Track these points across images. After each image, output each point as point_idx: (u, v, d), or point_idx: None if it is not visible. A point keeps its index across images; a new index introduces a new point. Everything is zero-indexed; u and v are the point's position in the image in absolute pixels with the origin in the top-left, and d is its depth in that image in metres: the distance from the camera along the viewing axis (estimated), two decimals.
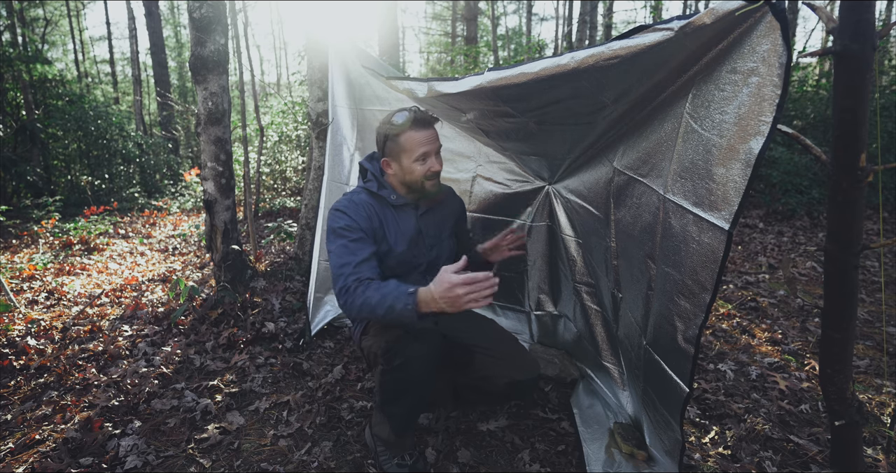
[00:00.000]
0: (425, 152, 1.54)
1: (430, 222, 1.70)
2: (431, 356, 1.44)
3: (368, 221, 1.55)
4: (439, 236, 1.71)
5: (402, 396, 1.49)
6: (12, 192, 7.72)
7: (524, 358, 1.67)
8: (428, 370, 1.44)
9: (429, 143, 1.55)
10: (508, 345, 1.69)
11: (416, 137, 1.53)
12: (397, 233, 1.61)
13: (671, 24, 0.92)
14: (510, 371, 1.61)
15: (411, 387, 1.46)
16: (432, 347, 1.44)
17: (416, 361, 1.42)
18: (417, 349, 1.41)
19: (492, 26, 9.75)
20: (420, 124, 1.53)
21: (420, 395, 1.49)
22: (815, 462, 1.58)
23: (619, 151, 1.48)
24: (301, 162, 6.92)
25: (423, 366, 1.43)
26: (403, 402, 1.50)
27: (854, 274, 0.98)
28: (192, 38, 2.74)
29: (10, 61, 7.61)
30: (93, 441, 1.67)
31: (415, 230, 1.65)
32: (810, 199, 5.23)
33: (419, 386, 1.46)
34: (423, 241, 1.67)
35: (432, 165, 1.56)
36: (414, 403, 1.51)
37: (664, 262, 1.23)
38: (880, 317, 2.73)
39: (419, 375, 1.43)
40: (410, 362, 1.41)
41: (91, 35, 20.49)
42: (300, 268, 3.37)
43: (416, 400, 1.50)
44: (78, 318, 2.83)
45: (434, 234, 1.70)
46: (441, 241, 1.71)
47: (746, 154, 0.94)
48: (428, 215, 1.70)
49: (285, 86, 15.81)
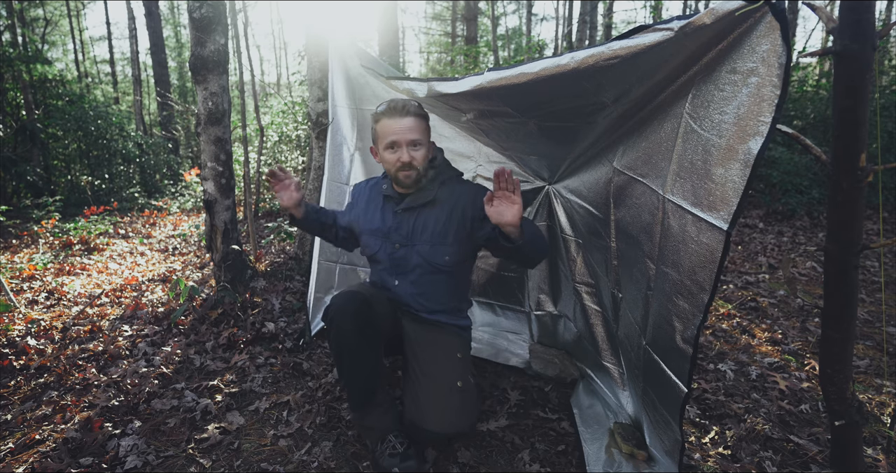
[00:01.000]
0: (394, 141, 1.56)
1: (409, 218, 1.66)
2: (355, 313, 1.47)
3: (355, 199, 1.83)
4: (417, 237, 1.64)
5: (341, 360, 1.52)
6: (12, 192, 7.72)
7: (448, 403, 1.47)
8: (355, 327, 1.46)
9: (400, 133, 1.55)
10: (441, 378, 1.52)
11: (388, 125, 1.56)
12: (368, 220, 1.74)
13: (671, 25, 0.92)
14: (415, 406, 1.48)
15: (343, 349, 1.49)
16: (357, 305, 1.48)
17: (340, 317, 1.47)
18: (342, 306, 1.48)
19: (492, 26, 9.75)
20: (394, 112, 1.55)
21: (354, 360, 1.50)
22: (815, 462, 1.58)
23: (618, 151, 1.48)
24: (301, 162, 6.92)
25: (347, 322, 1.46)
26: (344, 368, 1.53)
27: (854, 274, 0.99)
28: (192, 38, 2.74)
29: (10, 61, 7.62)
30: (93, 441, 1.68)
31: (384, 224, 1.69)
32: (810, 199, 5.23)
33: (350, 347, 1.48)
34: (390, 237, 1.68)
35: (401, 155, 1.56)
36: (353, 368, 1.51)
37: (663, 262, 1.23)
38: (880, 317, 2.73)
39: (346, 333, 1.46)
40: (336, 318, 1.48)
41: (91, 35, 20.52)
42: (300, 268, 3.37)
43: (353, 365, 1.50)
44: (78, 318, 2.84)
45: (407, 235, 1.65)
46: (417, 239, 1.64)
47: (745, 154, 0.94)
48: (408, 214, 1.66)
49: (285, 86, 15.81)
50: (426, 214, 1.65)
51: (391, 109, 1.56)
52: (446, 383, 1.52)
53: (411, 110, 1.56)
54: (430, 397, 1.49)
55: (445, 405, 1.47)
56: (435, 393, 1.50)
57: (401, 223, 1.66)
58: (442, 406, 1.47)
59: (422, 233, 1.64)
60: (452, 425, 1.45)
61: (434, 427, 1.44)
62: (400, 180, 1.61)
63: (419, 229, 1.65)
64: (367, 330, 1.49)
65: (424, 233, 1.64)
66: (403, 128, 1.55)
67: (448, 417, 1.46)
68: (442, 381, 1.52)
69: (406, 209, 1.66)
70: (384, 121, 1.57)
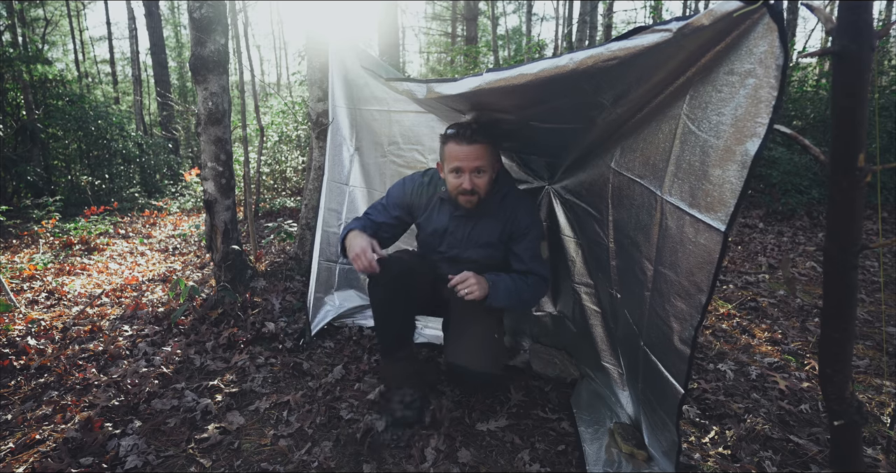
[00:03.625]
0: (458, 167, 1.65)
1: (465, 225, 1.79)
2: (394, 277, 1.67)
3: (406, 197, 1.87)
4: (471, 241, 1.80)
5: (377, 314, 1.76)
6: (12, 192, 7.72)
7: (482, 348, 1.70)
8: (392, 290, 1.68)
9: (465, 160, 1.63)
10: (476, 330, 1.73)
11: (454, 150, 1.64)
12: (428, 219, 1.86)
13: (670, 26, 0.92)
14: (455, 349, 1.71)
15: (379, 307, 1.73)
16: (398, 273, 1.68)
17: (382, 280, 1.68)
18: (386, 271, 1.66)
19: (492, 26, 9.74)
20: (460, 139, 1.63)
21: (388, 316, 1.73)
22: (815, 462, 1.58)
23: (617, 152, 1.48)
24: (301, 162, 6.92)
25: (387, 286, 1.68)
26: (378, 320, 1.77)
27: (853, 274, 0.98)
28: (192, 38, 2.74)
29: (11, 61, 7.61)
30: (93, 440, 1.68)
31: (442, 225, 1.82)
32: (810, 199, 5.23)
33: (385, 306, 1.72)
34: (447, 238, 1.83)
35: (463, 182, 1.64)
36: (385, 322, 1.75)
37: (661, 263, 1.23)
38: (880, 317, 2.73)
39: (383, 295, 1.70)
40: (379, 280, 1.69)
41: (91, 35, 20.49)
42: (300, 268, 3.37)
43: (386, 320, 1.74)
44: (78, 318, 2.84)
45: (462, 237, 1.80)
46: (470, 246, 1.80)
47: (742, 155, 0.94)
48: (464, 219, 1.79)
49: (285, 86, 15.82)
50: (483, 224, 1.78)
51: (458, 135, 1.63)
52: (484, 332, 1.73)
53: (478, 138, 1.62)
54: (470, 341, 1.70)
55: (482, 348, 1.69)
56: (474, 338, 1.71)
57: (457, 227, 1.80)
58: (479, 348, 1.69)
59: (478, 239, 1.79)
60: (487, 365, 1.67)
61: (472, 365, 1.65)
62: (460, 204, 1.72)
63: (475, 236, 1.79)
64: (401, 294, 1.70)
65: (479, 239, 1.79)
66: (468, 155, 1.62)
67: (484, 358, 1.67)
68: (481, 331, 1.73)
69: (464, 215, 1.78)
70: (451, 145, 1.65)
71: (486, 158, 1.64)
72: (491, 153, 1.67)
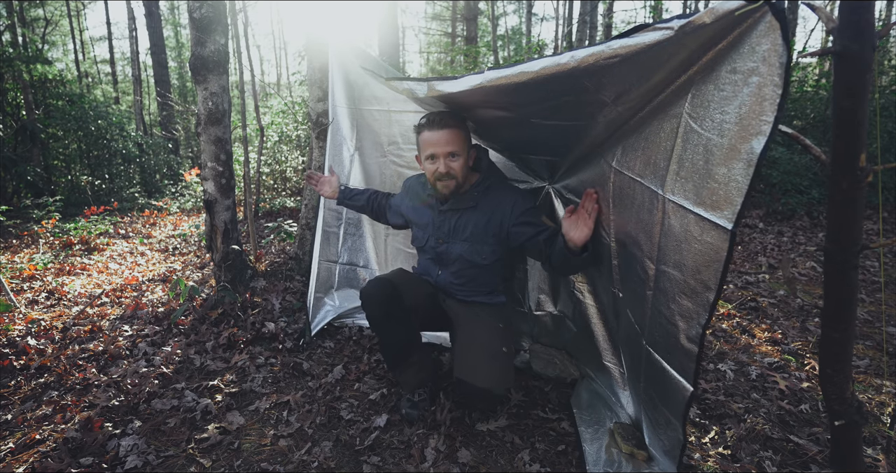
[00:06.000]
0: (433, 153, 1.68)
1: (450, 219, 1.80)
2: (382, 300, 1.71)
3: (403, 198, 2.00)
4: (456, 234, 1.80)
5: (376, 334, 1.81)
6: (12, 192, 7.72)
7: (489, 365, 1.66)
8: (383, 312, 1.71)
9: (437, 144, 1.66)
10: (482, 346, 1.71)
11: (427, 137, 1.68)
12: (417, 217, 1.92)
13: (671, 24, 0.92)
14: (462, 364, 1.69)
15: (377, 328, 1.77)
16: (384, 293, 1.71)
17: (369, 304, 1.73)
18: (371, 294, 1.72)
19: (492, 26, 9.75)
20: (433, 125, 1.67)
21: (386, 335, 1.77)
22: (815, 462, 1.58)
23: (618, 151, 1.48)
24: (301, 162, 6.92)
25: (377, 309, 1.72)
26: (380, 339, 1.82)
27: (854, 274, 0.98)
28: (192, 38, 2.74)
29: (11, 61, 7.61)
30: (93, 440, 1.68)
31: (428, 222, 1.87)
32: (810, 199, 5.23)
33: (382, 326, 1.75)
34: (434, 232, 1.85)
35: (439, 166, 1.67)
36: (386, 340, 1.78)
37: (664, 262, 1.23)
38: (880, 317, 2.73)
39: (376, 317, 1.73)
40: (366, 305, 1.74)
41: (91, 35, 20.47)
42: (300, 268, 3.37)
43: (386, 338, 1.78)
44: (78, 318, 2.83)
45: (448, 230, 1.81)
46: (456, 239, 1.81)
47: (748, 153, 0.94)
48: (449, 214, 1.81)
49: (285, 86, 15.81)
50: (467, 216, 1.78)
51: (430, 122, 1.67)
52: (491, 348, 1.71)
53: (448, 122, 1.66)
54: (477, 359, 1.67)
55: (491, 365, 1.66)
56: (481, 355, 1.68)
57: (443, 221, 1.83)
58: (488, 366, 1.65)
59: (462, 232, 1.79)
60: (497, 382, 1.63)
61: (480, 383, 1.61)
62: (439, 190, 1.74)
63: (460, 229, 1.80)
64: (394, 312, 1.72)
65: (464, 233, 1.79)
66: (441, 140, 1.66)
67: (493, 375, 1.63)
68: (487, 346, 1.71)
69: (448, 209, 1.80)
70: (424, 134, 1.69)
71: (459, 143, 1.68)
72: (464, 138, 1.71)
